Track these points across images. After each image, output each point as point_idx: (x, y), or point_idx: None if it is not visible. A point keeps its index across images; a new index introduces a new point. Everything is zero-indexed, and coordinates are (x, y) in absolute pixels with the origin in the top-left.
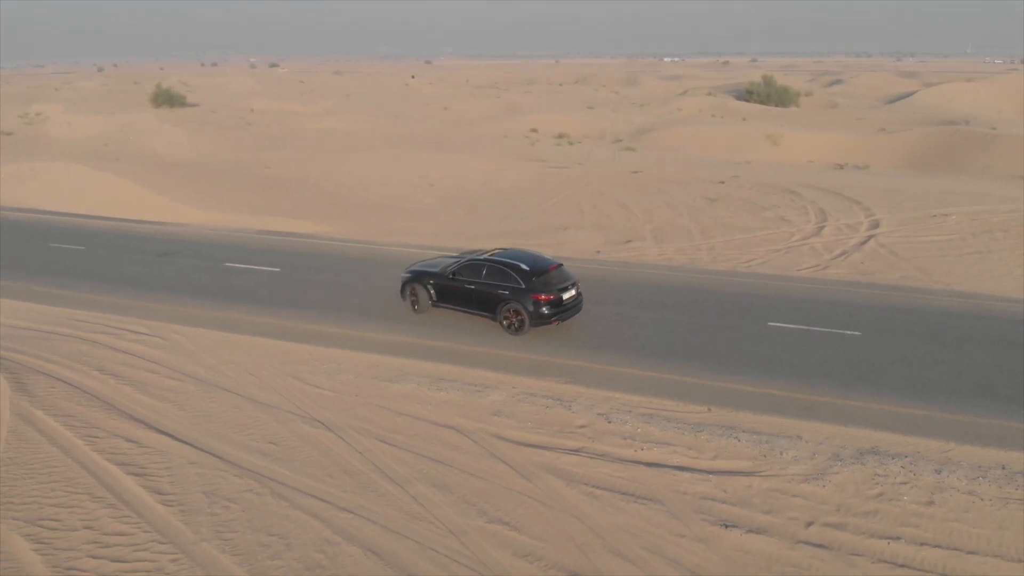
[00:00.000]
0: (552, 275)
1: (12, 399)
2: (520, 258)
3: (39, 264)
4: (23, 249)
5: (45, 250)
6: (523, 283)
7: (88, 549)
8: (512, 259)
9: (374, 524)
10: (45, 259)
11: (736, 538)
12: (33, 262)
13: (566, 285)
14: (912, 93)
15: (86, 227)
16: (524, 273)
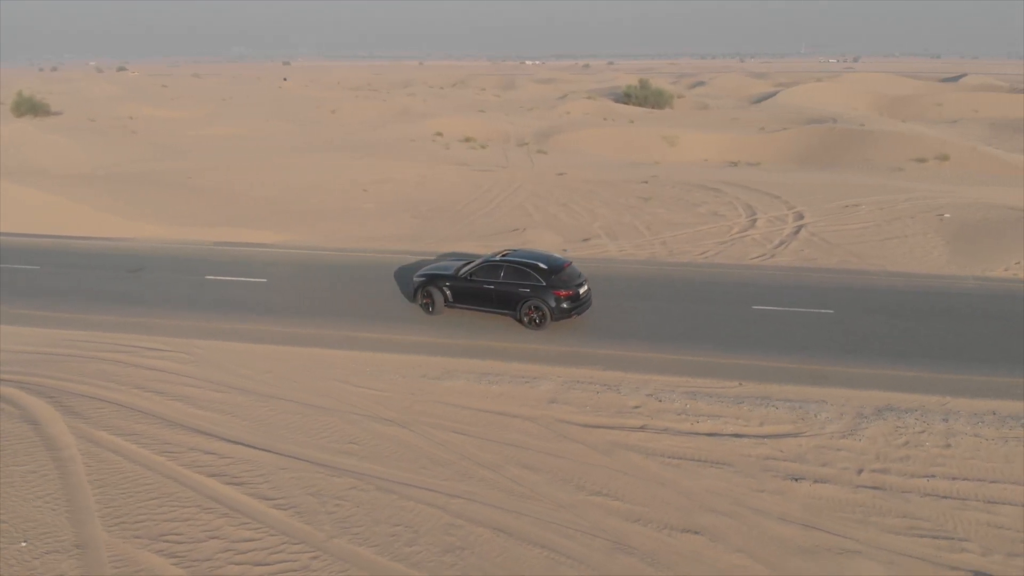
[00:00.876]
0: (567, 272)
1: (67, 422)
2: (536, 257)
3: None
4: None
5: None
6: (544, 281)
7: (225, 557)
8: (529, 259)
9: (487, 506)
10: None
11: (806, 488)
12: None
13: (580, 281)
14: (774, 93)
15: (30, 246)
16: (543, 272)
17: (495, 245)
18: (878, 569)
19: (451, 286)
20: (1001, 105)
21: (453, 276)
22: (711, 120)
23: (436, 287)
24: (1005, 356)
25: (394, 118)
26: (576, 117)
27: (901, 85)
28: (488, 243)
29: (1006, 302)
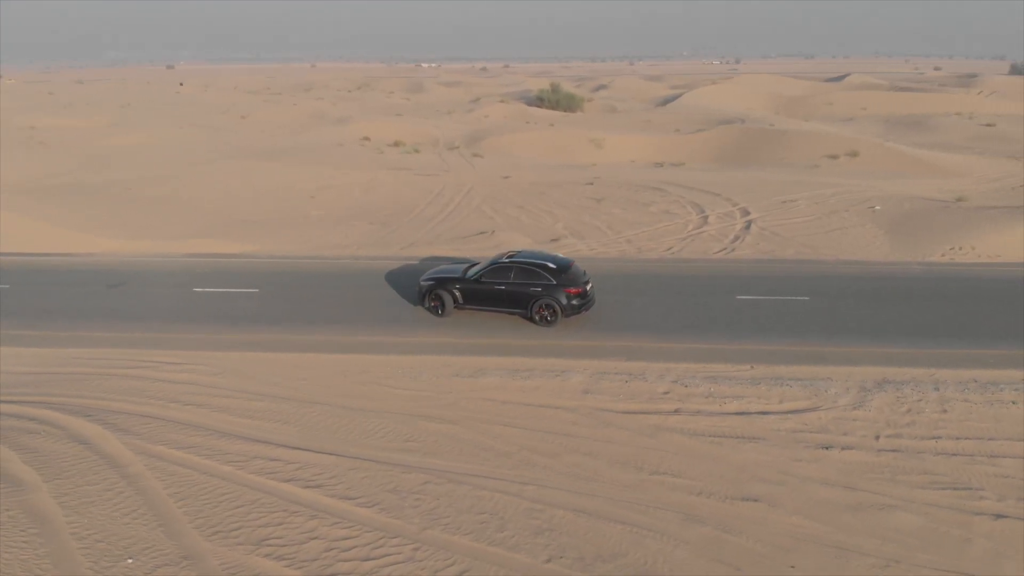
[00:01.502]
0: (574, 271)
1: (120, 439)
2: (544, 258)
3: None
4: None
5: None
6: (554, 280)
7: (331, 556)
8: (538, 259)
9: (558, 490)
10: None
11: (836, 455)
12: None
13: (586, 279)
14: (678, 96)
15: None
16: (553, 271)
17: (468, 249)
18: (916, 520)
19: (461, 288)
20: (887, 103)
21: (463, 279)
22: (626, 122)
23: (445, 290)
24: (968, 332)
25: (311, 123)
26: (497, 120)
27: (792, 86)
28: (460, 247)
29: (953, 284)
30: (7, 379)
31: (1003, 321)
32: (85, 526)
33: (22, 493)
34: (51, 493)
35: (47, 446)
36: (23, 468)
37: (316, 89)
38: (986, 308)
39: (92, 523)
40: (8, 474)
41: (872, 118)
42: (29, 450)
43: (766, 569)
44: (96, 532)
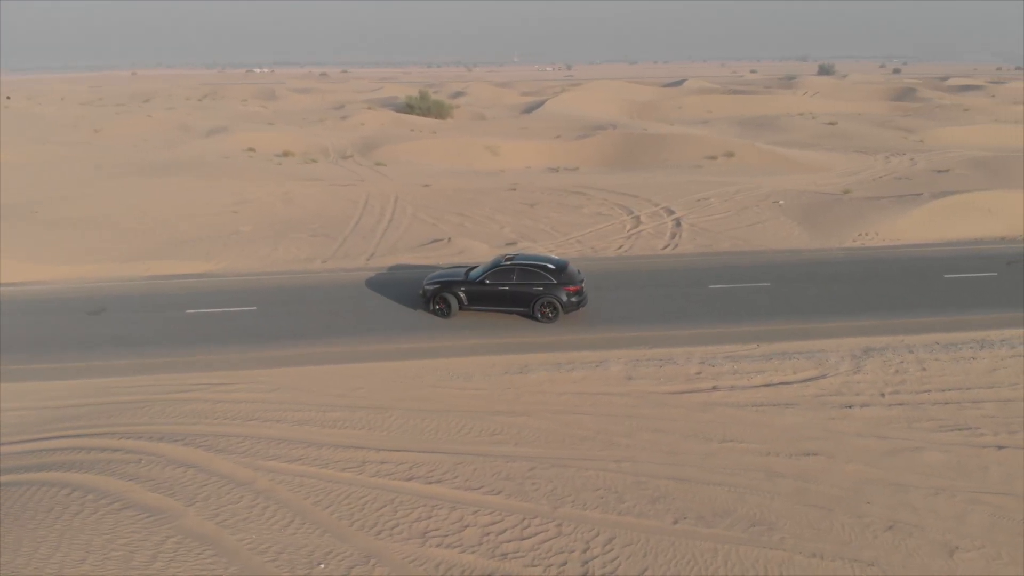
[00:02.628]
0: (570, 270)
1: (227, 459)
2: (542, 259)
3: None
4: None
5: None
6: (555, 279)
7: (490, 539)
8: (537, 261)
9: (651, 464)
10: None
11: (858, 412)
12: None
13: (581, 277)
14: (542, 102)
15: None
16: (553, 271)
17: (434, 256)
18: (941, 456)
19: (466, 291)
20: (728, 105)
21: (466, 281)
22: (504, 129)
23: (451, 292)
24: (910, 303)
25: (179, 135)
26: (375, 128)
27: (641, 92)
28: (423, 255)
29: (878, 265)
30: (58, 414)
31: (931, 293)
32: (256, 541)
33: (171, 520)
34: (200, 516)
35: (159, 473)
36: (153, 496)
37: (158, 99)
38: (913, 283)
39: (260, 538)
40: (142, 503)
41: (724, 120)
42: (144, 479)
43: (849, 507)
44: (271, 545)
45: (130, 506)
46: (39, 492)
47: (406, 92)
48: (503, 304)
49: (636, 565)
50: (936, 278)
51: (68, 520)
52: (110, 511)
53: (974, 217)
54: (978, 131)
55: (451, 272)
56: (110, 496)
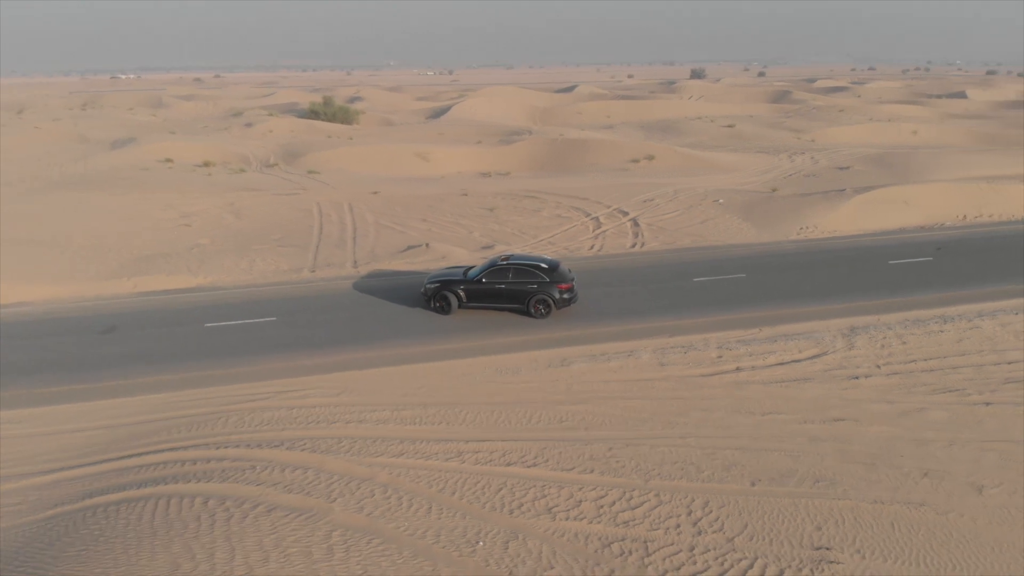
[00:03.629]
0: (561, 269)
1: (335, 460)
2: (535, 259)
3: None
4: None
5: None
6: (548, 278)
7: (607, 510)
8: (531, 260)
9: (709, 437)
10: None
11: (865, 382)
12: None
13: (572, 275)
14: (447, 108)
15: None
16: (546, 271)
17: (418, 262)
18: (943, 414)
19: (465, 289)
20: (626, 110)
21: (465, 280)
22: (422, 135)
23: (450, 291)
24: (871, 286)
25: (79, 148)
26: (284, 135)
27: (538, 97)
28: (407, 261)
29: (827, 254)
30: (134, 430)
31: (884, 278)
32: (411, 528)
33: (321, 516)
34: (347, 510)
35: (280, 477)
36: (290, 497)
37: (32, 109)
38: (867, 269)
39: (412, 524)
40: (284, 505)
41: (627, 125)
42: (270, 483)
43: (886, 461)
44: (426, 530)
45: (275, 508)
46: (173, 504)
47: (301, 98)
48: (500, 301)
49: (737, 523)
50: (882, 264)
51: (226, 525)
52: (259, 514)
53: (894, 209)
54: (861, 130)
55: (450, 272)
56: (249, 501)
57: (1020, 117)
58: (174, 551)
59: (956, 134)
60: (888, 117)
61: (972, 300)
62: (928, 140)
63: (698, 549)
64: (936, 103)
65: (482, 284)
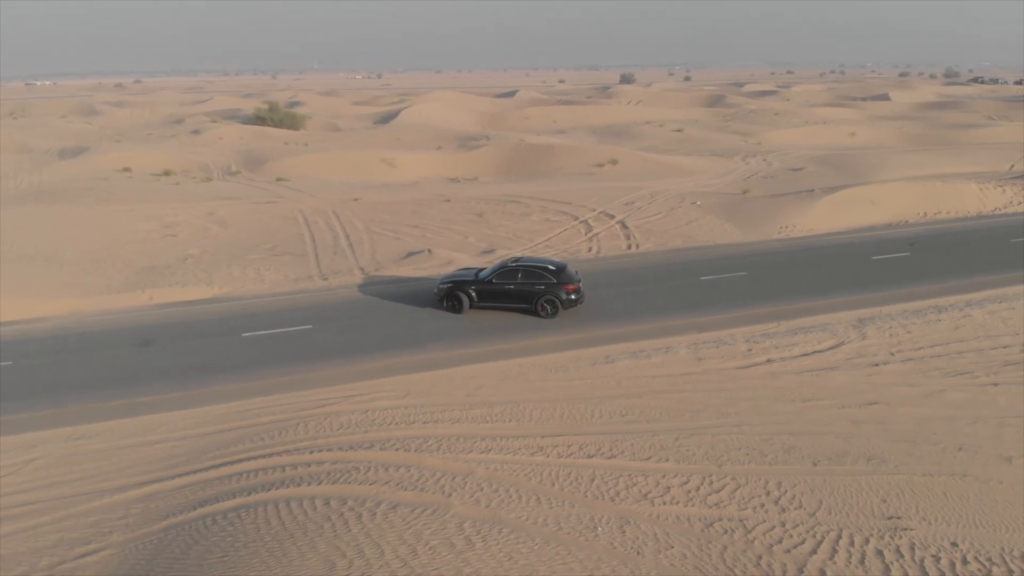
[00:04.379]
0: (568, 271)
1: (432, 458)
2: (543, 261)
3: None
4: None
5: None
6: (555, 279)
7: (692, 494)
8: (539, 263)
9: (764, 424)
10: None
11: (885, 368)
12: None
13: (579, 277)
14: (395, 113)
15: None
16: (553, 272)
17: (425, 268)
18: (961, 395)
19: (476, 289)
20: (571, 116)
21: (477, 281)
22: (374, 141)
23: (462, 291)
24: (862, 281)
25: (27, 159)
26: (234, 142)
27: (485, 103)
28: (415, 266)
29: (814, 252)
30: (216, 439)
31: (872, 272)
32: (532, 516)
33: (445, 510)
34: (465, 503)
35: (386, 475)
36: (408, 494)
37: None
38: (854, 264)
39: (531, 513)
40: (405, 501)
41: (578, 129)
42: (381, 482)
43: (924, 439)
44: (544, 518)
45: (397, 505)
46: (294, 507)
47: (237, 104)
48: (509, 301)
49: (812, 499)
50: (867, 260)
51: (360, 523)
52: (386, 511)
53: (862, 208)
54: (802, 132)
55: (462, 273)
56: (370, 500)
57: (942, 118)
58: (321, 550)
59: (889, 135)
60: (823, 120)
61: (958, 291)
62: (865, 141)
63: (788, 524)
64: (862, 105)
65: (492, 285)
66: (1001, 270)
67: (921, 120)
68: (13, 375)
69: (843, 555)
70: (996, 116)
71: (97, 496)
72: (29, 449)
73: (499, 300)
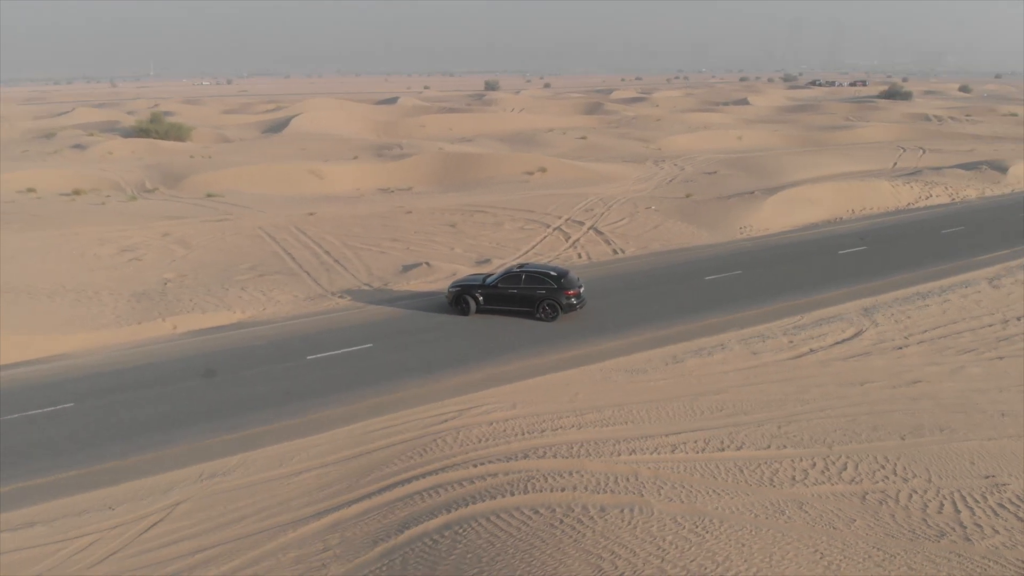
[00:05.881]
0: (569, 277)
1: (594, 461)
2: (545, 267)
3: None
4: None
5: (35, 424)
6: (556, 284)
7: (831, 473)
8: (541, 268)
9: (838, 407)
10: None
11: (907, 351)
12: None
13: (580, 283)
14: (287, 121)
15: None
16: (554, 278)
17: (428, 281)
18: (978, 369)
19: (483, 293)
20: (469, 123)
21: (483, 286)
22: (286, 151)
23: (470, 295)
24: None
25: None
26: (125, 156)
27: (375, 111)
28: (424, 280)
29: (785, 249)
30: (373, 459)
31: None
32: (731, 507)
33: (648, 507)
34: (660, 500)
35: (566, 481)
36: (600, 497)
37: None
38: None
39: (727, 505)
40: (603, 504)
41: (485, 137)
42: (566, 488)
43: (972, 408)
44: (740, 509)
45: (604, 507)
46: (509, 518)
47: (98, 116)
48: (512, 305)
49: (921, 467)
50: (835, 254)
51: (585, 527)
52: (596, 516)
53: (802, 207)
54: (695, 137)
55: (471, 279)
56: (575, 505)
57: (805, 120)
58: (575, 554)
59: (771, 138)
60: (704, 125)
61: (929, 279)
62: (751, 144)
63: (918, 491)
64: (728, 110)
65: (497, 289)
66: (950, 259)
67: (789, 123)
68: (87, 417)
69: (977, 511)
70: (852, 117)
71: (278, 532)
72: (166, 492)
73: (503, 303)
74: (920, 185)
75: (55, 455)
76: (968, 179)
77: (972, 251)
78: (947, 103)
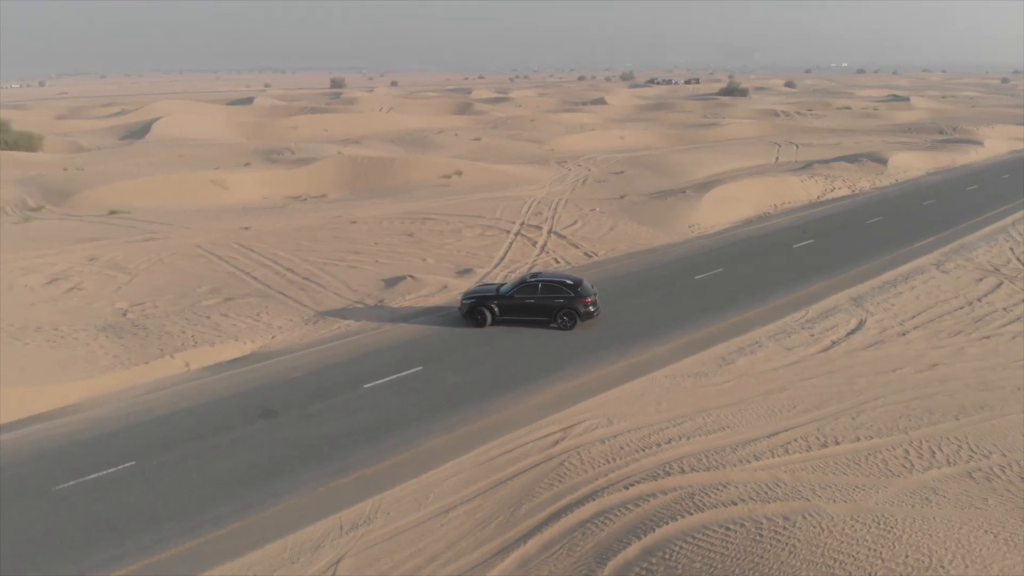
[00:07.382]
0: (585, 285)
1: (741, 468)
2: (560, 276)
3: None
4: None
5: (103, 489)
6: (573, 293)
7: (916, 459)
8: (557, 277)
9: (886, 395)
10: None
11: (909, 336)
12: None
13: (595, 291)
14: (149, 125)
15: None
16: (571, 286)
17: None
18: (976, 349)
19: (499, 304)
20: (341, 124)
21: (498, 296)
22: (165, 159)
23: (485, 306)
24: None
25: None
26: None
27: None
28: (418, 295)
29: (744, 245)
30: (510, 490)
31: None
32: (888, 501)
33: (818, 512)
34: (827, 501)
35: (727, 495)
36: (774, 506)
37: None
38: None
39: (885, 497)
40: (772, 513)
41: (375, 138)
42: (731, 502)
43: (993, 385)
44: (895, 497)
45: (786, 517)
46: (705, 539)
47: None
48: (529, 315)
49: (989, 443)
50: (790, 249)
51: (786, 540)
52: (785, 525)
53: (733, 204)
54: (582, 138)
55: (484, 289)
56: (755, 519)
57: (670, 118)
58: (794, 565)
59: (649, 137)
60: (579, 126)
61: (885, 268)
62: (635, 144)
63: (1007, 465)
64: (590, 109)
65: (513, 299)
66: (891, 249)
67: (653, 121)
68: (163, 474)
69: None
70: (709, 115)
71: (484, 566)
72: (316, 551)
73: (520, 314)
74: (822, 179)
75: (157, 523)
76: (856, 171)
77: (904, 240)
78: (782, 99)
